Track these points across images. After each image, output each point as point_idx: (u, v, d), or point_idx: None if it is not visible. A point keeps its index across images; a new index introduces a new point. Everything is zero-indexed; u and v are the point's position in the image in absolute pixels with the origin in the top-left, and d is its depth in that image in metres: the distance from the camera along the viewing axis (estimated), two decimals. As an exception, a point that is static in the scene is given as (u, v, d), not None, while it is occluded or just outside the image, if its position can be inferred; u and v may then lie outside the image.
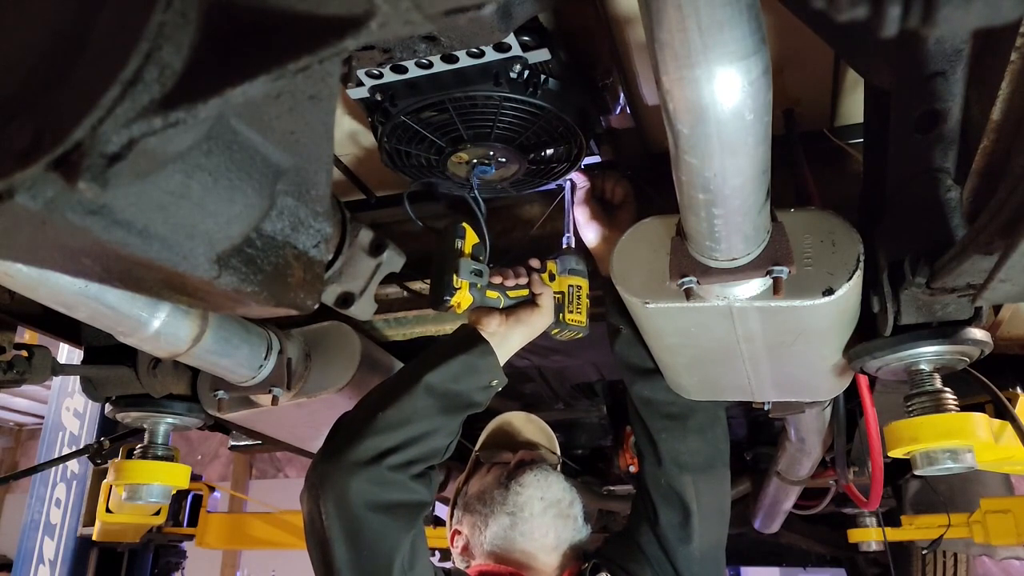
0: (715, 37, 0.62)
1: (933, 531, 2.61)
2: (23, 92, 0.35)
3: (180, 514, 3.23)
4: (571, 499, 1.45)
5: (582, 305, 1.34)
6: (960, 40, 0.91)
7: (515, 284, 1.30)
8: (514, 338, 1.29)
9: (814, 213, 1.06)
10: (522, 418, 1.73)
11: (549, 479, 1.43)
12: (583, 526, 1.45)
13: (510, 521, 1.38)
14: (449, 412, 1.22)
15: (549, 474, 1.44)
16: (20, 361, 1.34)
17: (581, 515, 1.45)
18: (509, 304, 1.30)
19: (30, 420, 9.06)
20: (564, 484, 1.45)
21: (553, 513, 1.40)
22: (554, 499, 1.41)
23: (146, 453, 1.66)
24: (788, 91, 1.27)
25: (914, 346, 1.07)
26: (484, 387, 1.27)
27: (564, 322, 1.32)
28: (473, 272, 1.22)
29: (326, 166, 0.52)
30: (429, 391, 1.20)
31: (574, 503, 1.45)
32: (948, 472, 1.12)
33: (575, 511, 1.44)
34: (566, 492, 1.44)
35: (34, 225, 0.36)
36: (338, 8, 0.35)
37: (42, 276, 0.91)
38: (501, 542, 1.38)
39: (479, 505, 1.46)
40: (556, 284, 1.33)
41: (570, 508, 1.43)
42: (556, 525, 1.40)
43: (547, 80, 1.07)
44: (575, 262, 1.35)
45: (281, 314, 0.51)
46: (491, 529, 1.40)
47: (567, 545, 1.41)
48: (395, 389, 1.23)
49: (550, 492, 1.40)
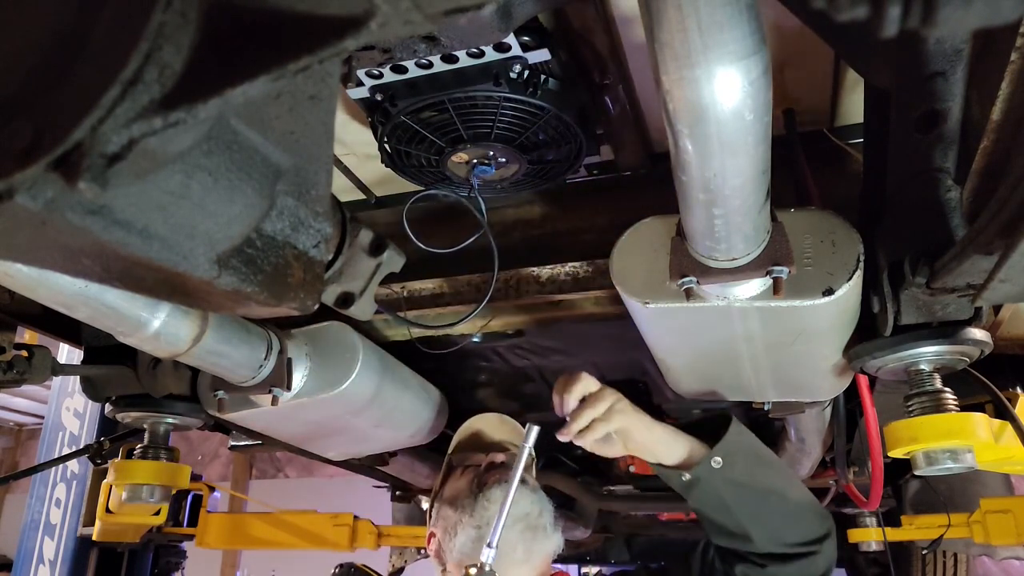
0: (715, 37, 0.62)
1: (933, 531, 2.61)
2: (23, 92, 0.35)
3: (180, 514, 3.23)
4: (539, 510, 1.43)
5: None
6: (960, 40, 0.91)
7: None
8: None
9: (814, 213, 1.06)
10: (495, 420, 1.72)
11: (514, 498, 1.40)
12: (553, 532, 1.44)
13: (477, 534, 1.38)
14: None
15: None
16: (20, 361, 1.34)
17: (551, 522, 1.44)
18: None
19: (30, 420, 9.06)
20: (532, 496, 1.44)
21: (520, 527, 1.38)
22: (521, 514, 1.39)
23: (146, 453, 1.66)
24: (788, 91, 1.27)
25: (914, 346, 1.07)
26: None
27: None
28: None
29: (326, 166, 0.52)
30: None
31: (543, 513, 1.43)
32: (948, 472, 1.12)
33: (544, 520, 1.43)
34: (534, 504, 1.43)
35: (34, 225, 0.36)
36: (338, 8, 0.35)
37: (42, 276, 0.91)
38: (469, 552, 1.37)
39: (450, 510, 1.46)
40: None
41: (539, 519, 1.42)
42: (524, 538, 1.39)
43: (547, 80, 1.07)
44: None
45: (281, 314, 0.51)
46: (459, 539, 1.40)
47: (537, 556, 1.40)
48: None
49: (517, 508, 1.36)
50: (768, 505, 1.24)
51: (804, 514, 1.26)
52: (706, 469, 1.22)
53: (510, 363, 2.08)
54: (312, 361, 1.52)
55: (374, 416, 1.67)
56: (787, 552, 1.24)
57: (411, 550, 3.53)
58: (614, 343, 1.88)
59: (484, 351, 2.01)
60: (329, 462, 2.21)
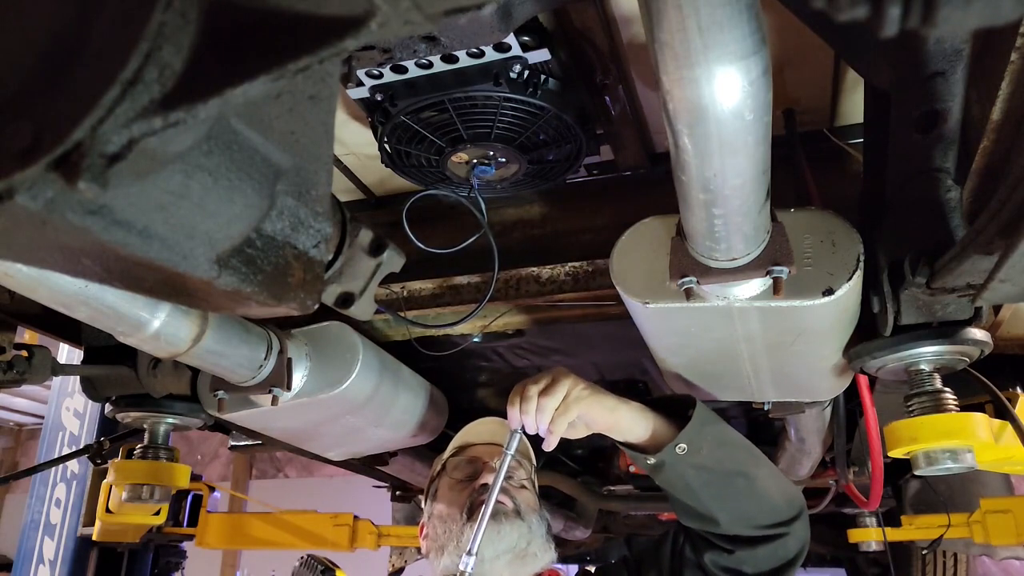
0: (715, 37, 0.62)
1: (933, 531, 2.61)
2: (23, 92, 0.35)
3: (180, 514, 3.23)
4: (528, 540, 1.42)
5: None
6: (960, 40, 0.91)
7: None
8: None
9: (814, 213, 1.06)
10: (496, 424, 1.67)
11: (501, 531, 1.39)
12: (544, 553, 1.43)
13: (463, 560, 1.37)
14: None
15: (501, 525, 1.39)
16: (20, 361, 1.34)
17: (542, 546, 1.43)
18: None
19: (30, 420, 9.06)
20: (520, 528, 1.42)
21: (507, 559, 1.39)
22: (507, 547, 1.39)
23: (146, 453, 1.66)
24: (788, 91, 1.27)
25: (914, 346, 1.07)
26: None
27: None
28: None
29: (326, 166, 0.52)
30: None
31: (532, 541, 1.42)
32: (948, 472, 1.12)
33: (534, 548, 1.42)
34: (521, 537, 1.41)
35: (34, 225, 0.36)
36: (338, 8, 0.35)
37: (42, 276, 0.91)
38: (452, 571, 1.36)
39: (440, 526, 1.46)
40: None
41: (528, 548, 1.41)
42: (511, 567, 1.39)
43: (547, 80, 1.07)
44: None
45: (281, 314, 0.51)
46: (445, 560, 1.41)
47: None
48: None
49: (502, 544, 1.38)
50: (734, 487, 1.24)
51: (772, 496, 1.26)
52: (671, 454, 1.22)
53: (510, 363, 2.08)
54: (312, 361, 1.52)
55: (374, 416, 1.67)
56: (755, 535, 1.25)
57: (411, 550, 3.53)
58: (614, 343, 1.88)
59: (484, 351, 2.01)
60: (329, 462, 2.21)
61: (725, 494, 1.24)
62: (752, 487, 1.25)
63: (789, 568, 1.28)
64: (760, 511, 1.25)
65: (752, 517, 1.25)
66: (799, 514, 1.28)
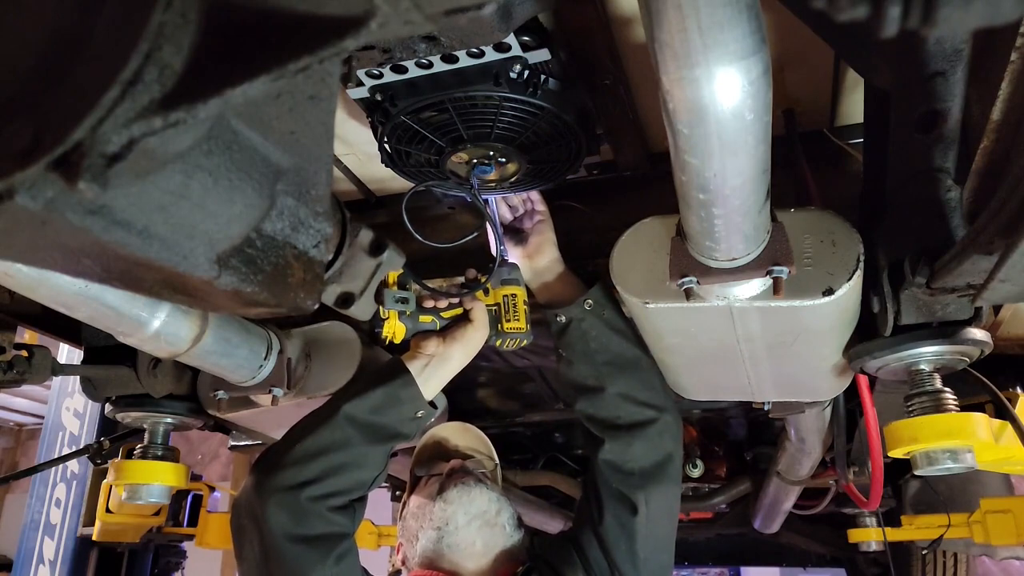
0: (715, 37, 0.62)
1: (933, 531, 2.61)
2: (23, 92, 0.35)
3: (180, 514, 3.22)
4: (497, 508, 1.48)
5: (519, 312, 1.37)
6: (960, 40, 0.91)
7: (447, 304, 1.33)
8: (453, 357, 1.32)
9: (814, 213, 1.06)
10: (458, 428, 1.76)
11: (472, 493, 1.46)
12: (514, 531, 1.48)
13: (437, 535, 1.43)
14: (372, 443, 1.26)
15: (472, 488, 1.47)
16: (20, 361, 1.34)
17: (510, 522, 1.48)
18: (444, 324, 1.33)
19: (30, 420, 9.06)
20: (490, 495, 1.49)
21: (478, 524, 1.44)
22: (479, 511, 1.45)
23: (146, 453, 1.66)
24: (788, 91, 1.27)
25: (914, 346, 1.07)
26: (410, 418, 1.30)
27: (503, 331, 1.36)
28: (399, 300, 1.25)
29: (326, 166, 0.52)
30: (350, 421, 1.24)
31: (501, 511, 1.48)
32: (948, 472, 1.12)
33: (503, 519, 1.47)
34: (491, 503, 1.48)
35: (34, 225, 0.36)
36: (338, 8, 0.35)
37: (42, 276, 0.91)
38: (431, 553, 1.43)
39: (412, 521, 1.52)
40: (491, 297, 1.37)
41: (497, 517, 1.47)
42: (483, 534, 1.44)
43: (547, 80, 1.06)
44: (507, 272, 1.38)
45: (281, 314, 0.51)
46: (421, 542, 1.46)
47: (497, 551, 1.45)
48: (316, 419, 1.26)
49: (473, 506, 1.44)
50: (625, 359, 1.36)
51: (653, 379, 1.39)
52: (579, 309, 1.35)
53: (510, 363, 2.08)
54: (312, 361, 1.52)
55: (374, 416, 1.67)
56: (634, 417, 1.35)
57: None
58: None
59: (484, 351, 2.01)
60: (329, 462, 2.21)
61: (616, 362, 1.36)
62: (639, 361, 1.37)
63: (668, 464, 1.36)
64: (642, 385, 1.37)
65: (635, 392, 1.36)
66: (673, 406, 1.40)
